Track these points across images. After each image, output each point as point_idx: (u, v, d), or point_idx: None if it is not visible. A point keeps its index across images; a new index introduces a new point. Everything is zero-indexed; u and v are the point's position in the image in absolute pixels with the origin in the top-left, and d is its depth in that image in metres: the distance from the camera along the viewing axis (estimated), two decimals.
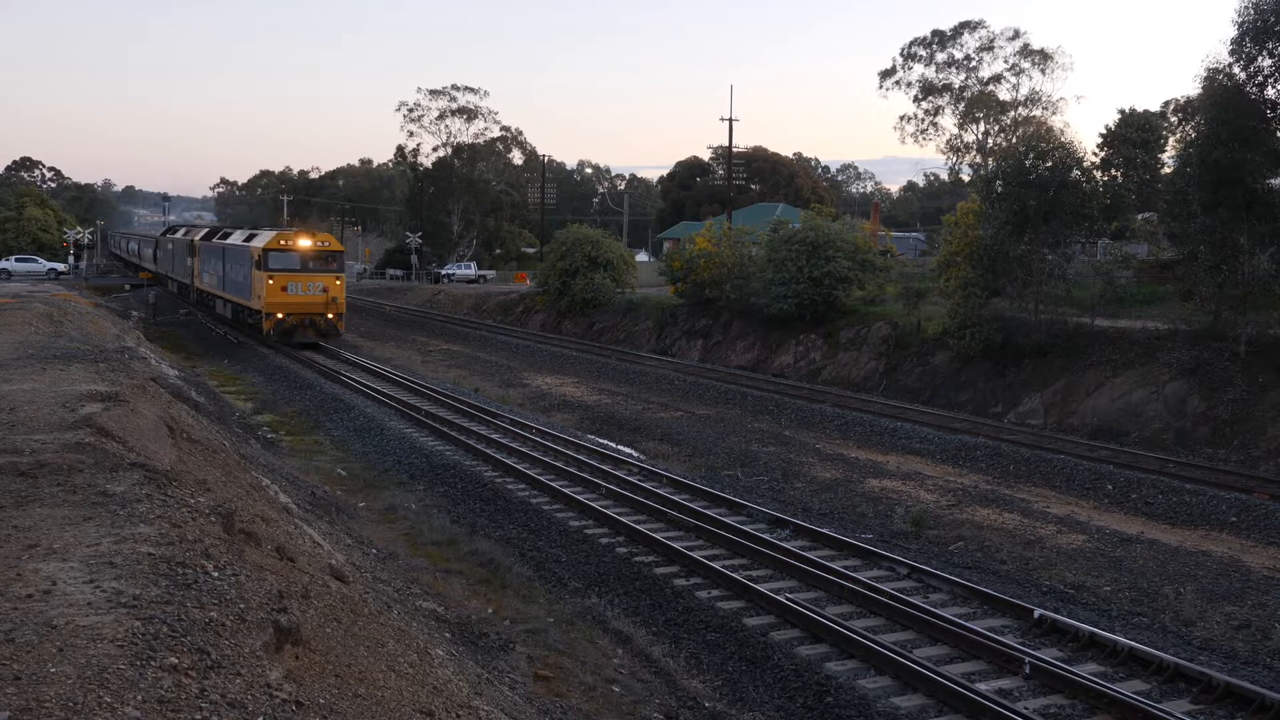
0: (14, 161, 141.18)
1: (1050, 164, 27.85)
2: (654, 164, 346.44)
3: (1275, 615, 12.99)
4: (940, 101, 70.09)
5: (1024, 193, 27.55)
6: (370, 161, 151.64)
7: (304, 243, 37.56)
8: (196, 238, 50.93)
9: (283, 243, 37.25)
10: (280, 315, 36.77)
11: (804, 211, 42.54)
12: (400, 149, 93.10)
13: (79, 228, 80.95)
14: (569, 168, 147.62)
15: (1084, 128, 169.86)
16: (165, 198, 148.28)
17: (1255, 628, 12.72)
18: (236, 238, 43.15)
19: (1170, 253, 31.37)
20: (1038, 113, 66.16)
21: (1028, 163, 28.28)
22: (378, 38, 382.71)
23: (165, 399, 15.92)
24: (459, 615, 11.34)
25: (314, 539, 10.90)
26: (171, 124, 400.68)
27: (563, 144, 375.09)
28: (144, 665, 4.45)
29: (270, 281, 36.45)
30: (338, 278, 37.86)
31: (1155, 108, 57.23)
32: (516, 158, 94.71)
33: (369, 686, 5.82)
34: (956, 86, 69.48)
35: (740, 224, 48.83)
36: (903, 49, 72.87)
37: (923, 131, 71.38)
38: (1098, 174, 38.15)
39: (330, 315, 37.54)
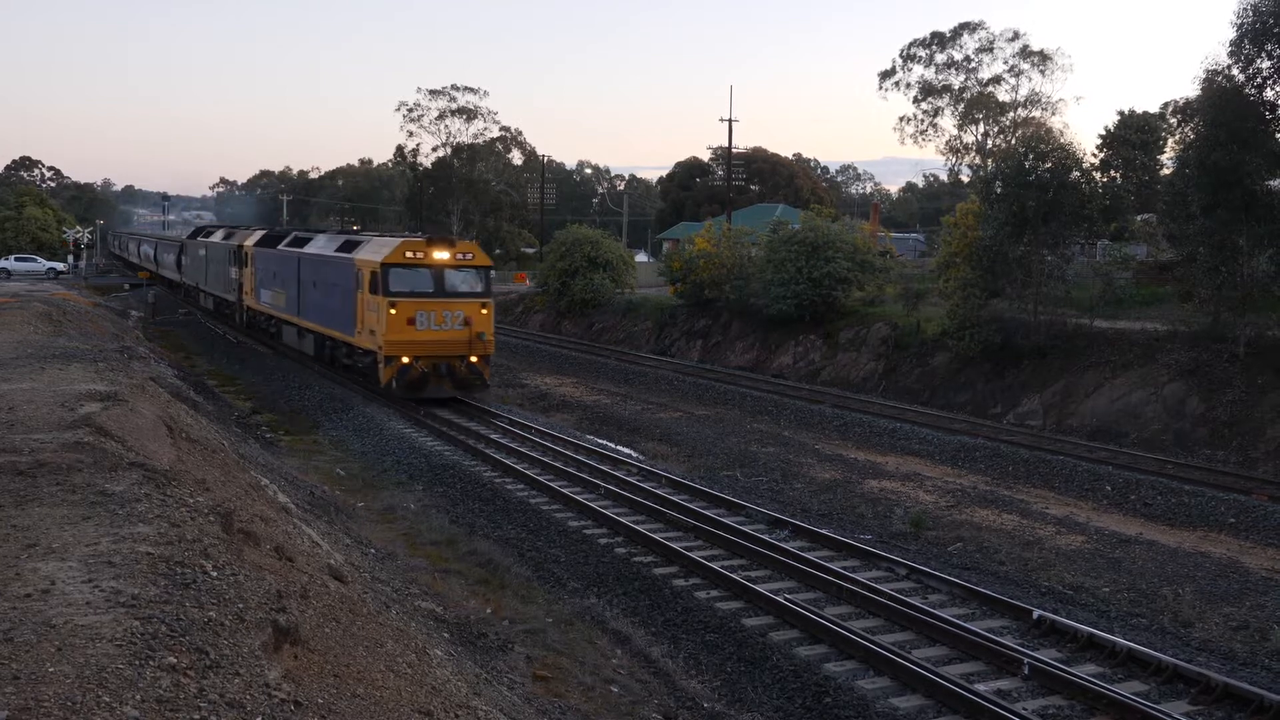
0: (13, 161, 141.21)
1: (1049, 165, 27.85)
2: (654, 164, 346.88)
3: (1273, 616, 13.00)
4: (940, 102, 70.12)
5: (1023, 194, 27.56)
6: (370, 161, 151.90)
7: (440, 255, 26.24)
8: (248, 242, 39.85)
9: (410, 255, 26.02)
10: (406, 360, 25.82)
11: (803, 212, 42.53)
12: (400, 149, 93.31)
13: (78, 227, 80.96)
14: (569, 168, 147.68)
15: (1083, 129, 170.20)
16: (165, 197, 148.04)
17: (1254, 629, 12.73)
18: (322, 244, 32.22)
19: (1169, 254, 31.40)
20: (1037, 114, 66.18)
21: (1027, 164, 28.29)
22: (378, 38, 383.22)
23: (164, 398, 15.92)
24: (458, 615, 11.34)
25: (313, 539, 10.90)
26: (171, 124, 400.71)
27: (562, 144, 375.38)
28: (143, 665, 4.45)
29: (393, 311, 25.39)
30: (484, 305, 26.51)
31: (1154, 109, 57.38)
32: (516, 158, 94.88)
33: (367, 686, 5.82)
34: (956, 87, 69.51)
35: (740, 224, 48.83)
36: (902, 50, 72.85)
37: (922, 132, 71.42)
38: (1097, 175, 38.20)
39: (474, 359, 26.42)
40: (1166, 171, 40.06)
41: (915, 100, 70.89)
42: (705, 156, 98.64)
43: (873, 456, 22.47)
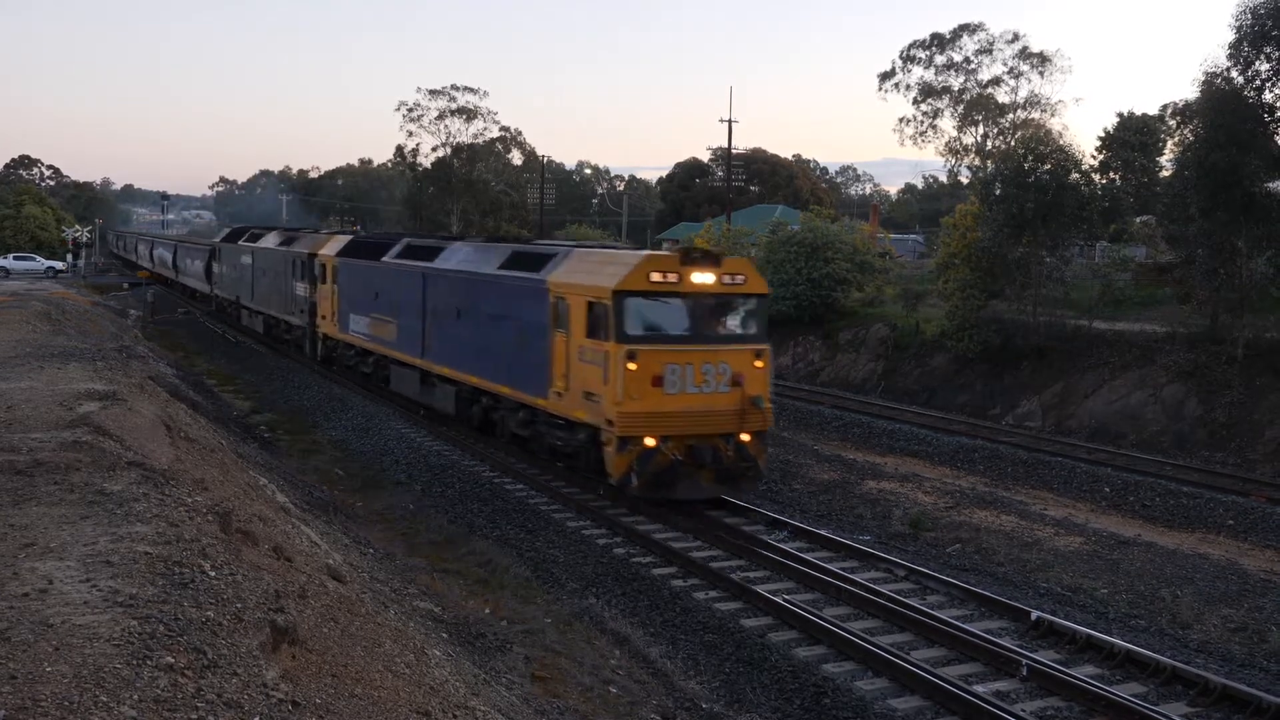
0: (13, 159, 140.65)
1: (1049, 166, 27.89)
2: (653, 165, 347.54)
3: (1272, 618, 13.00)
4: (939, 104, 70.01)
5: (1022, 195, 27.58)
6: (370, 161, 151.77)
7: (702, 278, 16.49)
8: (326, 250, 29.95)
9: (658, 278, 16.33)
10: (652, 441, 16.09)
11: (803, 213, 42.56)
12: (400, 149, 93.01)
13: (77, 226, 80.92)
14: (568, 168, 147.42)
15: (1082, 130, 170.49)
16: (164, 196, 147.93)
17: (1252, 630, 12.74)
18: (468, 256, 22.34)
19: (1168, 256, 31.44)
20: (1036, 115, 66.11)
21: (1026, 165, 28.32)
22: (378, 38, 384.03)
23: (163, 398, 15.93)
24: (456, 615, 11.32)
25: (311, 538, 10.90)
26: (171, 124, 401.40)
27: (562, 144, 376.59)
28: (140, 664, 4.45)
29: (632, 366, 15.88)
30: (759, 354, 16.82)
31: (1153, 111, 57.12)
32: (516, 158, 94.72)
33: (365, 686, 5.82)
34: (955, 89, 69.45)
35: (739, 225, 48.82)
36: (902, 51, 72.68)
37: (922, 134, 71.23)
38: (1096, 177, 38.20)
39: (746, 437, 16.59)
40: (1166, 173, 40.05)
41: (915, 101, 70.76)
42: (705, 157, 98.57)
43: (872, 457, 22.47)
